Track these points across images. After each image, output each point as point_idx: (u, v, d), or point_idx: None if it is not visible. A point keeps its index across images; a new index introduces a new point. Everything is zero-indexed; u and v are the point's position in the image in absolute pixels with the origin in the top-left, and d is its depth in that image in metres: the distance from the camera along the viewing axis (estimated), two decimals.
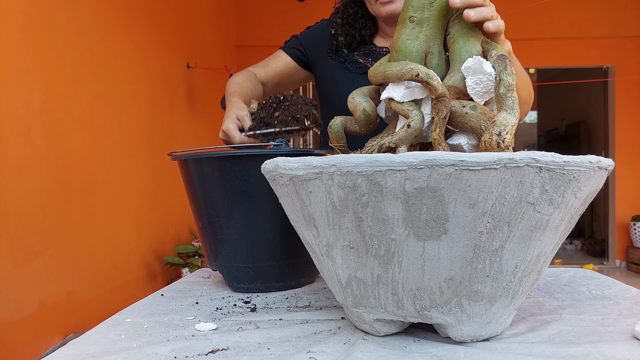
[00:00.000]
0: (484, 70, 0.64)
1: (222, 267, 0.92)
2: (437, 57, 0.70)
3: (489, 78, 0.64)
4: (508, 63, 0.63)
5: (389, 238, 0.53)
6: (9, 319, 1.72)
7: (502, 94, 0.61)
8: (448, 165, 0.48)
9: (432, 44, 0.70)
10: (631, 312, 0.72)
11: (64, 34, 2.08)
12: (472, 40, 0.69)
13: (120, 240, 2.53)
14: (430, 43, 0.70)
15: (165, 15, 3.18)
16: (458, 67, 0.68)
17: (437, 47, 0.71)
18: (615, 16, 4.93)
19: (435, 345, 0.60)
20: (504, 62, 0.63)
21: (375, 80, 0.69)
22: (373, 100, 0.73)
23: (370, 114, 0.71)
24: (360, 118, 0.71)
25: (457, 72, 0.68)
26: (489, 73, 0.64)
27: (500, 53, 0.64)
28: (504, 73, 0.62)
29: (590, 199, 0.59)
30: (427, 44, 0.70)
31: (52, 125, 1.99)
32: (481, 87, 0.65)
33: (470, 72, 0.65)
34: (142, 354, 0.58)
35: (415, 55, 0.69)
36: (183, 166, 0.92)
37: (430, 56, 0.70)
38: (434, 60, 0.70)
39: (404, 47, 0.69)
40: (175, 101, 3.34)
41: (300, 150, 0.88)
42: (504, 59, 0.63)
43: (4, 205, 1.71)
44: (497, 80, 0.62)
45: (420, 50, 0.70)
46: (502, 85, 0.62)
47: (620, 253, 5.16)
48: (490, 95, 0.66)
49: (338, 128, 0.72)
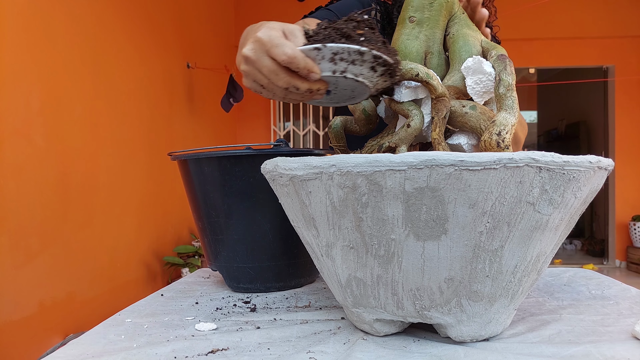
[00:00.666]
0: (483, 70, 0.64)
1: (221, 267, 0.92)
2: (437, 57, 0.71)
3: (488, 78, 0.64)
4: (508, 63, 0.63)
5: (388, 238, 0.53)
6: (9, 319, 1.72)
7: (501, 94, 0.61)
8: (448, 165, 0.48)
9: (432, 44, 0.70)
10: (631, 312, 0.72)
11: (64, 35, 2.08)
12: (471, 40, 0.69)
13: (120, 240, 2.53)
14: (430, 43, 0.70)
15: (165, 16, 3.18)
16: (458, 67, 0.68)
17: (437, 47, 0.71)
18: (615, 16, 4.93)
19: (435, 345, 0.60)
20: (503, 62, 0.63)
21: None
22: (373, 100, 0.73)
23: (370, 113, 0.71)
24: (360, 118, 0.71)
25: (457, 72, 0.68)
26: (488, 73, 0.64)
27: (500, 53, 0.65)
28: (504, 73, 0.62)
29: (590, 199, 0.59)
30: (427, 44, 0.70)
31: (52, 125, 1.99)
32: (481, 86, 0.65)
33: (470, 72, 0.65)
34: (141, 354, 0.58)
35: (415, 55, 0.69)
36: (183, 166, 0.92)
37: (430, 56, 0.71)
38: (434, 60, 0.70)
39: (404, 46, 0.69)
40: (175, 101, 3.34)
41: (301, 150, 0.88)
42: (504, 58, 0.63)
43: (4, 205, 1.71)
44: (497, 80, 0.62)
45: (420, 50, 0.70)
46: (502, 85, 0.62)
47: (620, 253, 5.16)
48: (490, 95, 0.66)
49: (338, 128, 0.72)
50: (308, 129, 4.97)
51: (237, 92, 3.80)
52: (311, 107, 5.07)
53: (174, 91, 3.32)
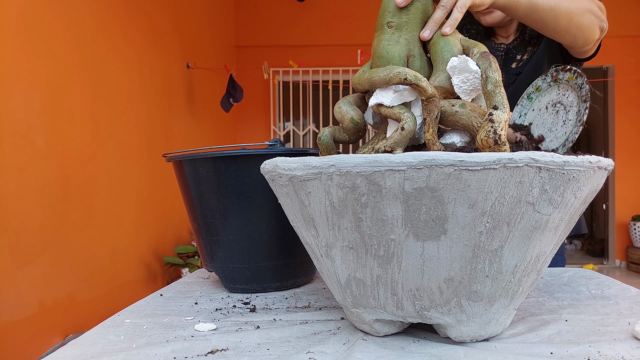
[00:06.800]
0: (469, 69, 0.64)
1: (218, 268, 0.92)
2: (419, 60, 0.71)
3: (475, 76, 0.65)
4: (492, 60, 0.63)
5: (388, 238, 0.53)
6: (9, 319, 1.72)
7: (490, 91, 0.62)
8: (447, 166, 0.48)
9: (413, 47, 0.71)
10: (631, 312, 0.72)
11: (64, 35, 2.08)
12: (451, 40, 0.69)
13: (120, 240, 2.53)
14: (410, 46, 0.71)
15: (164, 16, 3.18)
16: (442, 67, 0.68)
17: (418, 49, 0.71)
18: (614, 16, 4.93)
19: (435, 345, 0.60)
20: (487, 59, 0.63)
21: (361, 87, 0.70)
22: (359, 108, 0.73)
23: (358, 122, 0.71)
24: (349, 127, 0.72)
25: (442, 72, 0.68)
26: (474, 71, 0.64)
27: (482, 50, 0.65)
28: (490, 70, 0.62)
29: (590, 198, 0.59)
30: (407, 47, 0.71)
31: (52, 126, 1.99)
32: (468, 85, 0.65)
33: (456, 71, 0.66)
34: (141, 355, 0.58)
35: (398, 59, 0.70)
36: (178, 167, 0.92)
37: (412, 59, 0.71)
38: (416, 62, 0.71)
39: (386, 52, 0.70)
40: (175, 101, 3.34)
41: (295, 150, 0.88)
42: (487, 55, 0.64)
43: (4, 206, 1.71)
44: (484, 78, 0.63)
45: (402, 54, 0.70)
46: (489, 82, 0.62)
47: (620, 253, 5.16)
48: (477, 93, 0.67)
49: (327, 139, 0.72)
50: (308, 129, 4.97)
51: (236, 92, 3.80)
52: (311, 107, 5.07)
53: (174, 91, 3.32)
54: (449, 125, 0.66)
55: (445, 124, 0.66)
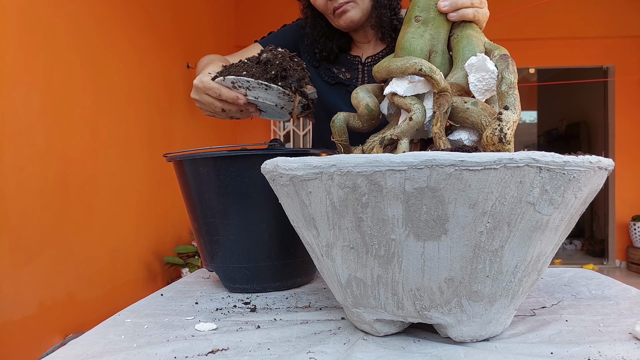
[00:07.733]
0: (487, 68, 0.65)
1: (218, 267, 0.92)
2: (441, 56, 0.72)
3: (491, 75, 0.65)
4: (510, 62, 0.64)
5: (388, 238, 0.53)
6: (9, 319, 1.72)
7: (503, 92, 0.62)
8: (448, 166, 0.48)
9: (436, 43, 0.72)
10: (631, 312, 0.72)
11: (64, 35, 2.08)
12: (475, 41, 0.70)
13: (120, 240, 2.53)
14: (434, 42, 0.72)
15: (164, 16, 3.18)
16: (461, 66, 0.69)
17: (441, 46, 0.72)
18: (615, 16, 4.93)
19: (435, 345, 0.60)
20: (506, 61, 0.64)
21: (380, 75, 0.71)
22: (377, 97, 0.74)
23: (373, 109, 0.72)
24: (363, 113, 0.72)
25: (460, 69, 0.69)
26: (491, 70, 0.65)
27: (503, 53, 0.66)
28: (506, 71, 0.63)
29: (590, 199, 0.59)
30: (431, 43, 0.72)
31: (52, 126, 1.99)
32: (483, 84, 0.66)
33: (474, 69, 0.66)
34: (141, 355, 0.58)
35: (420, 53, 0.71)
36: (178, 167, 0.92)
37: (434, 55, 0.72)
38: (438, 59, 0.72)
39: (409, 45, 0.71)
40: (175, 101, 3.34)
41: (296, 150, 0.88)
42: (507, 58, 0.64)
43: (4, 205, 1.71)
44: (500, 78, 0.63)
45: (425, 49, 0.71)
46: (504, 82, 0.62)
47: (620, 253, 5.16)
48: (492, 93, 0.67)
49: (341, 123, 0.73)
50: (308, 129, 4.97)
51: None
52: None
53: (174, 91, 3.32)
54: (459, 121, 0.67)
55: (455, 120, 0.67)
